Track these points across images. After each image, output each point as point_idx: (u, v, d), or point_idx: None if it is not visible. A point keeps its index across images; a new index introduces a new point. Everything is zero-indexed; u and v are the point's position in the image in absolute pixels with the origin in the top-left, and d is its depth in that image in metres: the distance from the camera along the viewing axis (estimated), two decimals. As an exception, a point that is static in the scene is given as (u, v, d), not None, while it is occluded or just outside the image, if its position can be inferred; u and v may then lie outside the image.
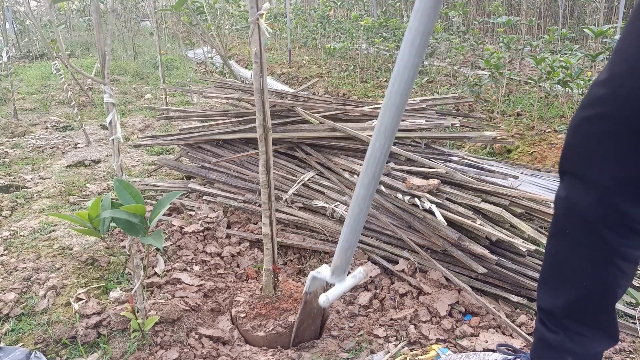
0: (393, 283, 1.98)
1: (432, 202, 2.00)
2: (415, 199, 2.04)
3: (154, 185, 2.90)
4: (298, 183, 2.47)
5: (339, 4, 8.49)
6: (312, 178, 2.49)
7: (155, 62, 7.15)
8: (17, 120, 4.65)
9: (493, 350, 1.52)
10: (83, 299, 1.85)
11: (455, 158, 2.51)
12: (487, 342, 1.59)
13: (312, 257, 2.26)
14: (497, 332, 1.68)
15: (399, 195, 2.11)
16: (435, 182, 2.08)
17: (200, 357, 1.59)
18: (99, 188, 3.04)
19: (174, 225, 2.41)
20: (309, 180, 2.48)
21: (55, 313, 1.78)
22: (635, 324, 1.74)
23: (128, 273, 2.07)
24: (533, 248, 1.83)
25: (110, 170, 3.40)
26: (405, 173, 2.23)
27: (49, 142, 4.09)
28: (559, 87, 3.76)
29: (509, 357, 1.34)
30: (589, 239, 1.02)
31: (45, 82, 6.64)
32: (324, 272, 1.40)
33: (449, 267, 1.97)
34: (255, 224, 2.45)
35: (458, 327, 1.72)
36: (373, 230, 2.20)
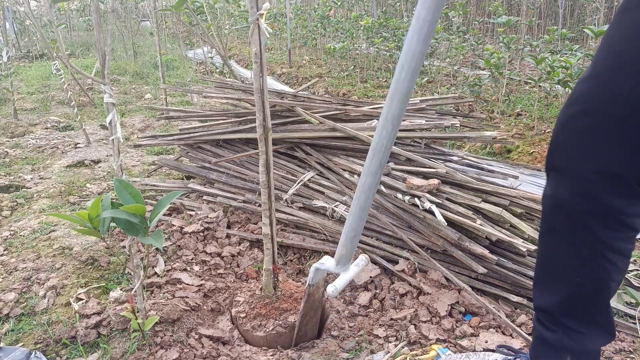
0: (393, 283, 1.98)
1: (432, 202, 2.00)
2: (415, 199, 2.04)
3: (154, 185, 2.90)
4: (298, 183, 2.47)
5: (339, 4, 8.49)
6: (312, 178, 2.49)
7: (155, 62, 7.15)
8: (17, 120, 4.65)
9: (493, 350, 1.52)
10: (83, 299, 1.85)
11: (455, 158, 2.51)
12: (487, 342, 1.59)
13: (312, 257, 2.26)
14: (497, 332, 1.68)
15: (399, 195, 2.11)
16: (435, 182, 2.08)
17: (200, 357, 1.59)
18: (99, 188, 3.04)
19: (174, 225, 2.41)
20: (309, 180, 2.48)
21: (55, 313, 1.78)
22: (635, 324, 1.74)
23: (128, 273, 2.07)
24: (533, 248, 1.83)
25: (110, 170, 3.40)
26: (405, 173, 2.23)
27: (49, 142, 4.09)
28: (559, 87, 3.76)
29: (509, 357, 1.34)
30: (578, 234, 1.04)
31: (45, 82, 6.64)
32: (328, 263, 1.42)
33: (449, 267, 1.97)
34: (255, 224, 2.45)
35: (458, 327, 1.72)
36: (373, 230, 2.20)
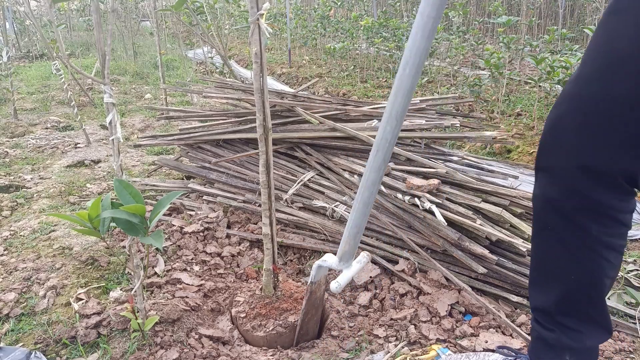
0: (393, 283, 1.98)
1: (432, 202, 2.00)
2: (415, 199, 2.04)
3: (154, 185, 2.90)
4: (298, 183, 2.47)
5: (339, 4, 8.49)
6: (312, 178, 2.49)
7: (155, 62, 7.15)
8: (17, 120, 4.65)
9: (493, 351, 1.52)
10: (83, 299, 1.85)
11: (455, 158, 2.51)
12: (487, 342, 1.59)
13: (312, 257, 2.26)
14: (497, 332, 1.68)
15: (399, 195, 2.11)
16: (435, 182, 2.08)
17: (200, 357, 1.59)
18: (99, 188, 3.04)
19: (174, 225, 2.41)
20: (309, 180, 2.48)
21: (55, 313, 1.78)
22: (635, 324, 1.74)
23: (128, 273, 2.07)
24: (533, 248, 1.83)
25: (110, 170, 3.40)
26: (405, 173, 2.23)
27: (49, 142, 4.09)
28: (559, 87, 3.76)
29: (509, 358, 1.35)
30: (570, 230, 1.05)
31: (45, 82, 6.64)
32: (330, 260, 1.43)
33: (449, 267, 1.97)
34: (255, 224, 2.45)
35: (458, 327, 1.72)
36: (373, 230, 2.20)
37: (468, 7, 8.66)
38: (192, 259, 2.18)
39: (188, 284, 1.98)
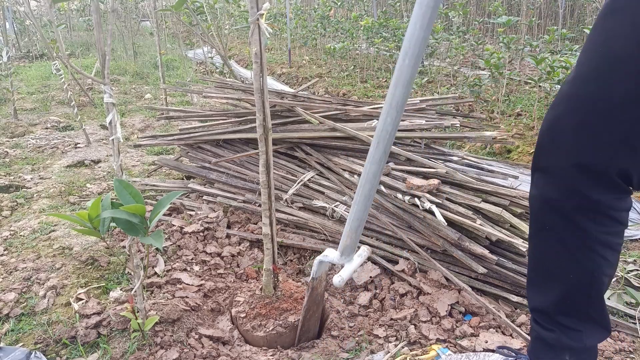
0: (393, 283, 1.98)
1: (432, 202, 2.00)
2: (415, 199, 2.04)
3: (154, 185, 2.90)
4: (298, 183, 2.47)
5: (339, 4, 8.49)
6: (312, 178, 2.49)
7: (155, 62, 7.15)
8: (17, 120, 4.65)
9: (493, 351, 1.52)
10: (83, 299, 1.85)
11: (455, 158, 2.50)
12: (487, 342, 1.59)
13: (312, 257, 2.26)
14: (497, 332, 1.68)
15: (399, 195, 2.11)
16: (435, 182, 2.08)
17: (200, 357, 1.59)
18: (99, 188, 3.04)
19: (174, 225, 2.41)
20: (309, 180, 2.48)
21: (55, 313, 1.78)
22: (635, 324, 1.74)
23: (128, 273, 2.07)
24: (533, 248, 1.83)
25: (110, 170, 3.40)
26: (405, 173, 2.23)
27: (49, 142, 4.09)
28: (559, 87, 3.76)
29: (509, 358, 1.35)
30: (570, 230, 1.05)
31: (45, 82, 6.64)
32: (331, 255, 1.42)
33: (449, 267, 1.97)
34: (255, 224, 2.45)
35: (458, 327, 1.72)
36: (373, 230, 2.20)
37: (468, 7, 8.66)
38: (192, 259, 2.18)
39: (188, 284, 1.98)
